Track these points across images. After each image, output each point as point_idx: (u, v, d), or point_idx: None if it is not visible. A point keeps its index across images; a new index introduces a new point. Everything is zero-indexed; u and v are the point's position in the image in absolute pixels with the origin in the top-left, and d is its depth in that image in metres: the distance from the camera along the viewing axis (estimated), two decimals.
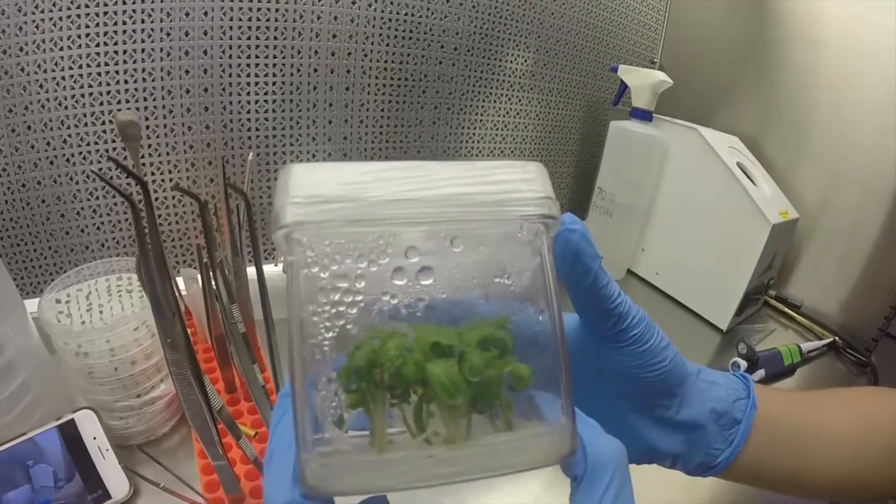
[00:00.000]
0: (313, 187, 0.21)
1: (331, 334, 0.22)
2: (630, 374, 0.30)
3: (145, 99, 0.67)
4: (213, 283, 0.41)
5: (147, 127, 0.68)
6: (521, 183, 0.23)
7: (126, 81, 0.65)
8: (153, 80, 0.67)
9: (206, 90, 0.70)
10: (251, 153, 0.48)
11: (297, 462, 0.20)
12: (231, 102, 0.72)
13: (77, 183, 0.67)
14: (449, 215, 0.22)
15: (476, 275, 0.24)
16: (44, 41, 0.60)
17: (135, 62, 0.65)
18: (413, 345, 0.22)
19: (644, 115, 0.81)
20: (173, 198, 0.74)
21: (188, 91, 0.69)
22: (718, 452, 0.33)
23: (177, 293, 0.38)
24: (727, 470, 0.33)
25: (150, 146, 0.69)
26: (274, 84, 0.74)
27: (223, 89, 0.71)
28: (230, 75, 0.71)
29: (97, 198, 0.69)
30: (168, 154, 0.71)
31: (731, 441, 0.33)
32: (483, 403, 0.22)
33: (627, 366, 0.30)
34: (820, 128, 0.83)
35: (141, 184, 0.25)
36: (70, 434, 0.46)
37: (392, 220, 0.21)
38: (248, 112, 0.74)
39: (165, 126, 0.69)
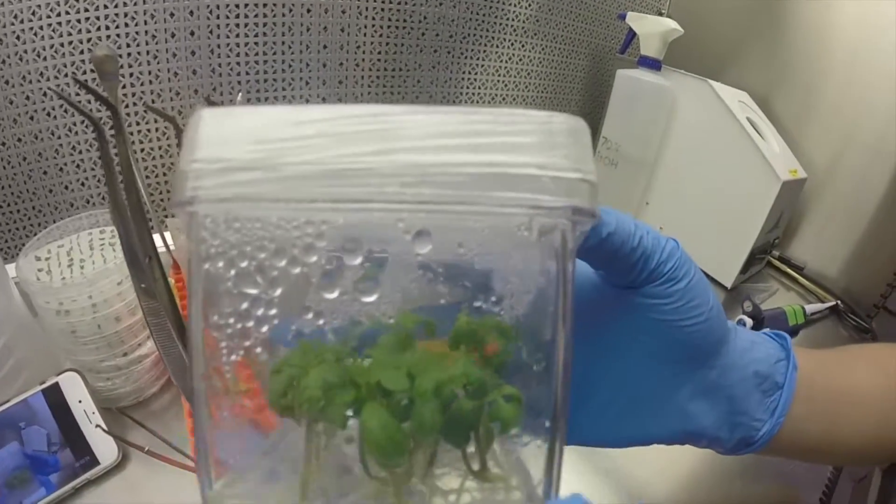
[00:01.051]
0: (225, 145, 0.15)
1: (233, 357, 0.16)
2: (667, 328, 0.25)
3: (128, 45, 0.63)
4: None
5: (131, 74, 0.65)
6: (539, 150, 0.15)
7: (107, 27, 0.62)
8: (136, 25, 0.63)
9: (192, 33, 0.66)
10: (240, 94, 0.44)
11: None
12: (219, 45, 0.68)
13: (59, 137, 0.64)
14: (417, 196, 0.14)
15: (446, 293, 0.17)
16: None
17: (115, 6, 0.61)
18: (345, 376, 0.16)
19: (653, 64, 0.78)
20: (159, 139, 0.71)
21: (173, 35, 0.65)
22: (760, 424, 0.29)
23: (162, 241, 0.35)
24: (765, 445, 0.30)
25: (133, 94, 0.66)
26: (265, 25, 0.70)
27: (210, 32, 0.67)
28: (217, 17, 0.67)
29: (80, 152, 0.66)
30: (154, 102, 0.68)
31: (772, 410, 0.29)
32: (453, 440, 0.16)
33: (663, 316, 0.25)
34: (832, 89, 0.81)
35: (111, 109, 0.22)
36: (55, 398, 0.44)
37: (328, 200, 0.14)
38: (238, 56, 0.70)
39: (150, 73, 0.66)
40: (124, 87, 0.65)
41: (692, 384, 0.27)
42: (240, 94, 0.46)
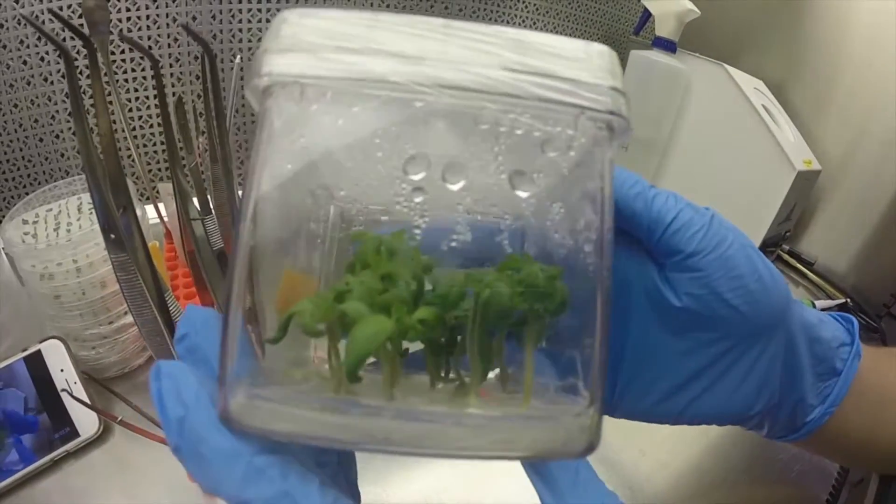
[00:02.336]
0: (307, 34, 0.15)
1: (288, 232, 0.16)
2: (707, 302, 0.23)
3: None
4: (178, 183, 0.36)
5: (128, 19, 0.62)
6: (580, 65, 0.16)
7: None
8: None
9: None
10: (237, 57, 0.42)
11: (221, 389, 0.15)
12: (220, 11, 0.66)
13: (56, 103, 0.63)
14: (489, 86, 0.15)
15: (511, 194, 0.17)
16: None
17: None
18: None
19: (668, 46, 0.76)
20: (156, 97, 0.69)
21: None
22: (810, 410, 0.27)
23: (155, 210, 0.34)
24: (808, 438, 0.28)
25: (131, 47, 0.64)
26: None
27: None
28: None
29: None
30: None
31: (825, 396, 0.27)
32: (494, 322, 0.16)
33: (699, 290, 0.23)
34: (849, 81, 0.79)
35: (85, 40, 0.20)
36: (36, 366, 0.43)
37: (409, 85, 0.15)
38: (241, 22, 0.68)
39: (148, 17, 0.63)
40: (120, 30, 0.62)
41: (746, 361, 0.25)
42: (238, 57, 0.44)
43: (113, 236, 0.24)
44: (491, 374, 0.17)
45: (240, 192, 0.25)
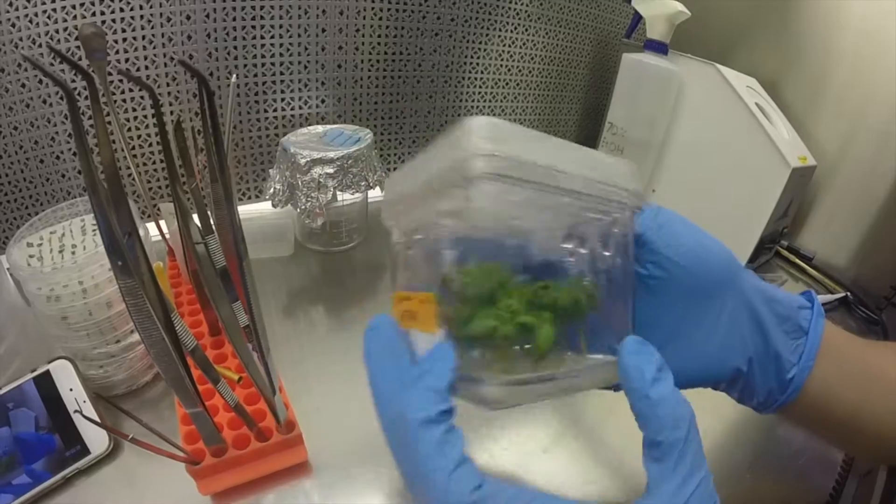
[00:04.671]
0: (489, 143, 0.22)
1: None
2: (664, 261, 0.29)
3: (123, 31, 0.63)
4: (181, 204, 0.37)
5: (126, 59, 0.64)
6: (623, 176, 0.28)
7: (102, 13, 0.61)
8: (131, 10, 0.62)
9: (188, 17, 0.66)
10: (234, 76, 0.43)
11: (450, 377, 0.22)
12: (216, 29, 0.68)
13: (55, 125, 0.64)
14: (595, 191, 0.26)
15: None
16: None
17: None
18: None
19: (659, 48, 0.77)
20: (154, 125, 0.70)
21: (169, 19, 0.65)
22: (789, 366, 0.31)
23: (157, 228, 0.34)
24: (796, 402, 0.31)
25: (130, 80, 0.65)
26: (262, 8, 0.70)
27: (206, 16, 0.66)
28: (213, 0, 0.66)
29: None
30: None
31: (799, 354, 0.31)
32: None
33: (654, 254, 0.29)
34: (842, 76, 0.79)
35: (86, 76, 0.21)
36: (46, 386, 0.44)
37: (550, 185, 0.24)
38: (234, 39, 0.70)
39: (146, 58, 0.65)
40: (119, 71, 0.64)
41: (709, 317, 0.30)
42: (234, 76, 0.45)
43: (120, 263, 0.24)
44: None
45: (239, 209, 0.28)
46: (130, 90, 0.66)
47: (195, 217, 0.39)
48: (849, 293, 0.79)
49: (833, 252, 0.84)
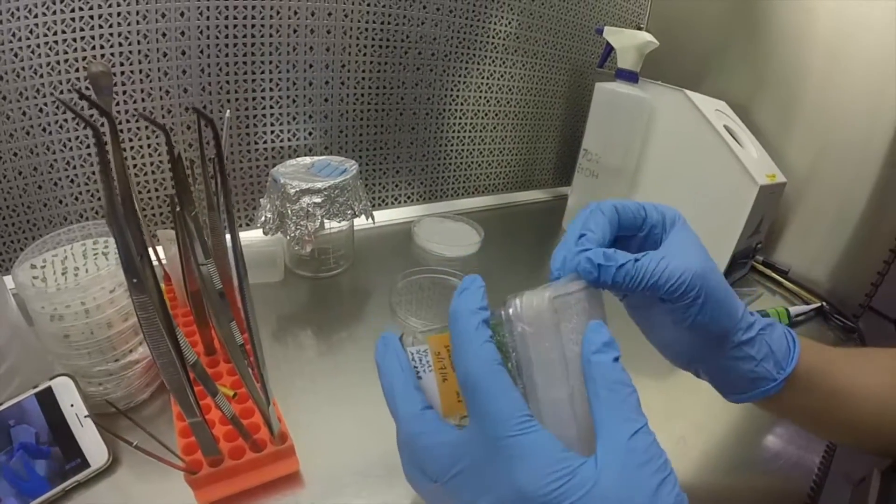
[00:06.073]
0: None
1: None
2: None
3: (121, 64, 0.65)
4: (186, 229, 0.40)
5: (124, 92, 0.67)
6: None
7: (102, 47, 0.64)
8: (129, 45, 0.65)
9: (183, 53, 0.69)
10: (227, 111, 0.47)
11: None
12: (209, 65, 0.71)
13: (54, 152, 0.66)
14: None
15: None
16: (17, 9, 0.58)
17: (110, 26, 0.63)
18: None
19: (630, 77, 0.80)
20: (150, 156, 0.73)
21: (165, 55, 0.68)
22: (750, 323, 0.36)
23: (154, 255, 0.37)
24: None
25: (126, 111, 0.68)
26: (253, 45, 0.73)
27: (200, 52, 0.70)
28: (207, 37, 0.70)
29: (74, 167, 0.68)
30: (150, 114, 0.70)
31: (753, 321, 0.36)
32: None
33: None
34: (811, 94, 0.82)
35: (106, 116, 0.23)
36: (47, 402, 0.45)
37: None
38: (227, 74, 0.73)
39: (143, 90, 0.68)
40: (117, 104, 0.67)
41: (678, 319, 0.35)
42: (227, 111, 0.48)
43: (135, 280, 0.27)
44: None
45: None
46: (128, 121, 0.69)
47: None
48: (825, 303, 0.80)
49: (809, 265, 0.86)
